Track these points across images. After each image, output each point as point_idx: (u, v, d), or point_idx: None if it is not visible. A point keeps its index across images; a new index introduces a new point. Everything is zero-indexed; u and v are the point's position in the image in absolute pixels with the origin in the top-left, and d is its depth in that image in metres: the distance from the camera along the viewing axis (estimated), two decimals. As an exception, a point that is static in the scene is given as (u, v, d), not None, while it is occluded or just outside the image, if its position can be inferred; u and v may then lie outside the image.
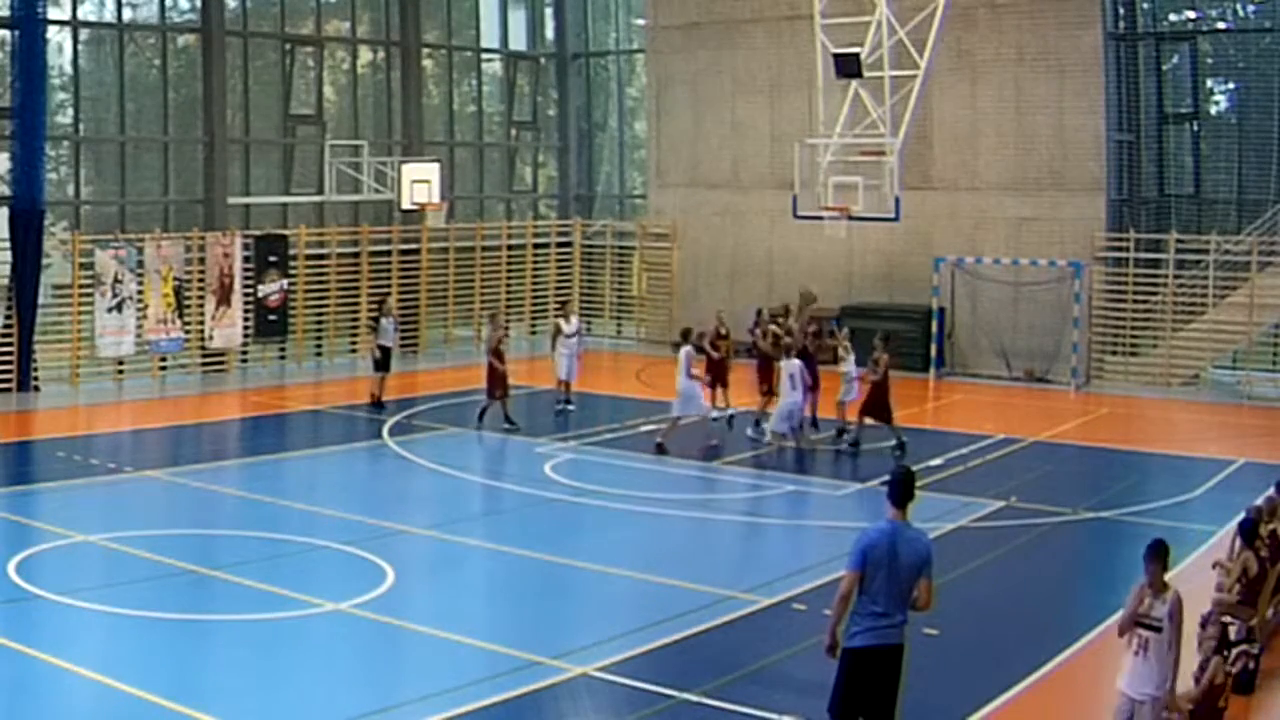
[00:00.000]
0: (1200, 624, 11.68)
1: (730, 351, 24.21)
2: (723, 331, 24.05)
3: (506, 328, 25.60)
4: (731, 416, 23.11)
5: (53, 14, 26.16)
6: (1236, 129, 29.42)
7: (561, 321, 25.32)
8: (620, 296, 36.31)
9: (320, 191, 29.66)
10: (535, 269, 35.19)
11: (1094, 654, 12.46)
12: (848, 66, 24.67)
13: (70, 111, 28.16)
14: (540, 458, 20.66)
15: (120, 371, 27.06)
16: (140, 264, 26.78)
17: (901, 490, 9.09)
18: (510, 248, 34.58)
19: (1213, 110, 30.37)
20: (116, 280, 26.33)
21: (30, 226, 25.13)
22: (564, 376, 24.84)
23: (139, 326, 26.81)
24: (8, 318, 25.25)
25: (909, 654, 9.17)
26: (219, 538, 16.14)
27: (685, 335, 22.49)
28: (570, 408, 24.59)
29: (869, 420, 21.40)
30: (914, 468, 20.52)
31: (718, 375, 23.54)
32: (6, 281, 25.32)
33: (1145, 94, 29.92)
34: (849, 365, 22.54)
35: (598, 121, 38.37)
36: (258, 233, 29.53)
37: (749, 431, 22.55)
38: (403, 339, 31.03)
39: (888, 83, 24.66)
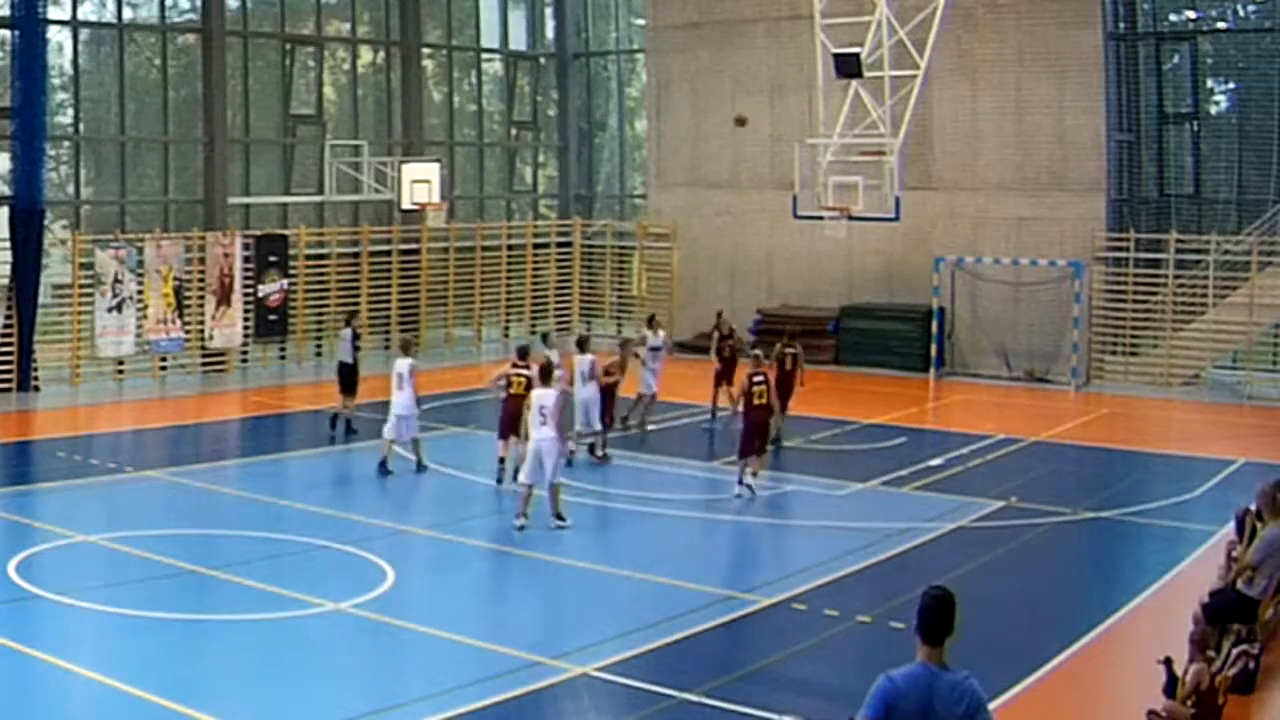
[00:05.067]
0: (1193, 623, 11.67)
1: (736, 352, 23.62)
2: (725, 332, 23.85)
3: None
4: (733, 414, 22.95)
5: (53, 14, 26.15)
6: (1236, 129, 29.41)
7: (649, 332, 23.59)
8: (620, 296, 36.31)
9: (320, 191, 29.66)
10: (535, 269, 35.19)
11: (1095, 654, 12.47)
12: (848, 66, 24.66)
13: (70, 111, 28.18)
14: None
15: (120, 371, 27.06)
16: (140, 264, 26.79)
17: (935, 621, 6.39)
18: (510, 248, 34.58)
19: (1213, 110, 30.37)
20: (116, 280, 26.34)
21: (30, 226, 25.14)
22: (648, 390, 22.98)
23: (139, 326, 26.81)
24: (8, 318, 25.25)
25: None
26: (219, 538, 16.13)
27: (582, 343, 21.25)
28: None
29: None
30: (914, 468, 20.59)
31: (725, 375, 23.28)
32: (6, 281, 25.32)
33: (1145, 94, 29.92)
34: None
35: (598, 121, 38.38)
36: (258, 233, 29.54)
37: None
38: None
39: (888, 83, 24.66)
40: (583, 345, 20.99)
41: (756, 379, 18.45)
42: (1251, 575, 11.80)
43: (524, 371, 18.84)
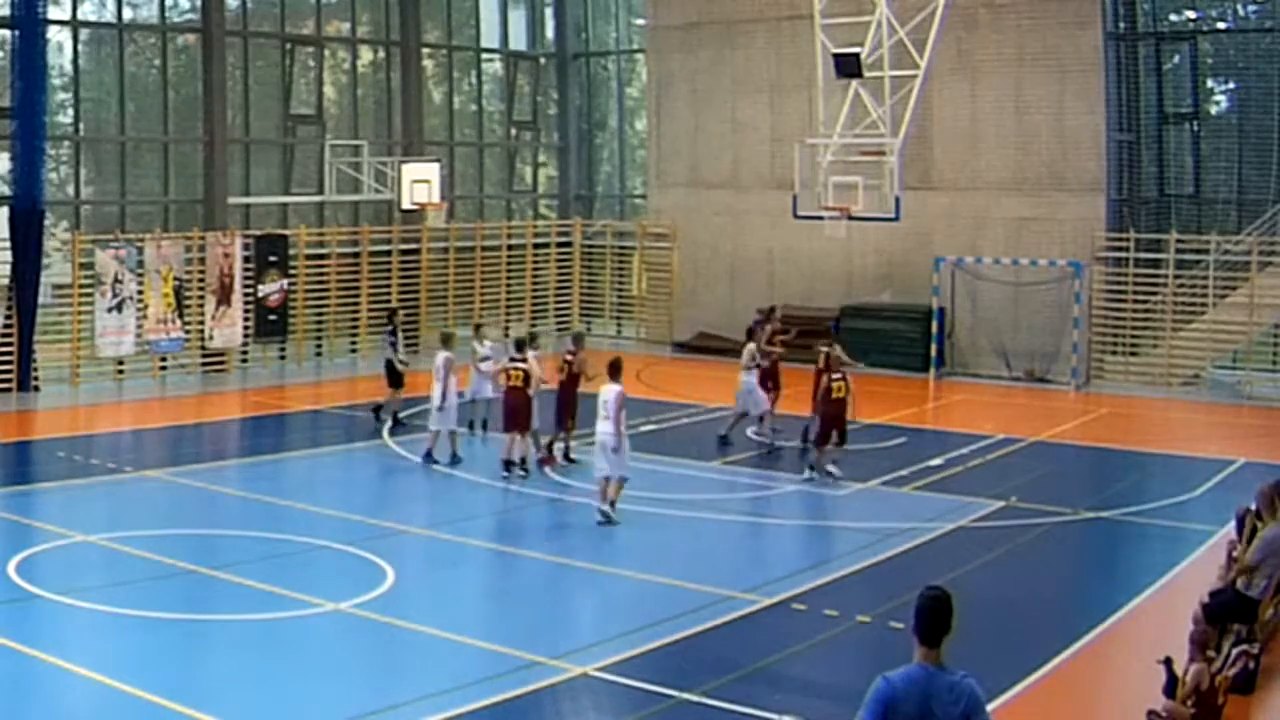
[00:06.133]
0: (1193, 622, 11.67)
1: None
2: (778, 328, 22.83)
3: None
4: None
5: (53, 14, 26.15)
6: (1236, 129, 29.41)
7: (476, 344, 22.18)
8: (620, 296, 36.31)
9: (320, 191, 29.66)
10: (535, 269, 35.19)
11: (1094, 654, 12.47)
12: (848, 66, 24.66)
13: (70, 111, 28.17)
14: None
15: (120, 371, 27.06)
16: (140, 264, 26.79)
17: (933, 622, 6.42)
18: (510, 248, 34.58)
19: (1213, 110, 30.36)
20: (116, 280, 26.34)
21: (30, 226, 25.13)
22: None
23: (139, 326, 26.81)
24: (8, 318, 25.25)
25: None
26: (219, 538, 16.13)
27: (531, 339, 20.82)
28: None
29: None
30: (914, 468, 20.61)
31: (774, 377, 22.25)
32: (6, 281, 25.32)
33: (1145, 94, 29.92)
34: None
35: (598, 121, 38.38)
36: (258, 233, 29.54)
37: (750, 431, 22.55)
38: (404, 340, 31.10)
39: (888, 83, 24.65)
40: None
41: (835, 375, 19.60)
42: (1251, 575, 11.80)
43: (521, 365, 18.99)
